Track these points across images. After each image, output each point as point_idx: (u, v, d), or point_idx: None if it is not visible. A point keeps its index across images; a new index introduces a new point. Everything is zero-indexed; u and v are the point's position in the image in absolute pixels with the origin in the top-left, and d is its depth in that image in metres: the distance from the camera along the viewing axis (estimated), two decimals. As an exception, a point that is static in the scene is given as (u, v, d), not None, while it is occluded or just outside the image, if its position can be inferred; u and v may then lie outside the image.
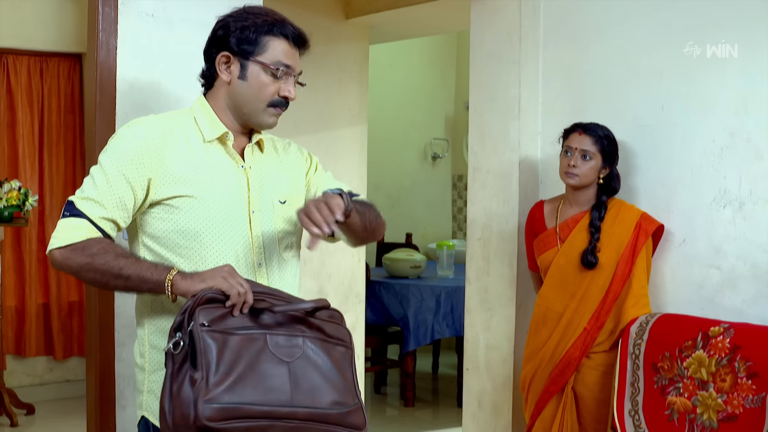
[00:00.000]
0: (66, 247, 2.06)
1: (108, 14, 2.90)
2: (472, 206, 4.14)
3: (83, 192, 2.11)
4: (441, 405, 6.75)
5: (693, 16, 3.33)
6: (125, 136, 2.15)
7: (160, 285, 2.03)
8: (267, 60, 2.16)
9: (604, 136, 3.34)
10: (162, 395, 1.93)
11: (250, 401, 1.90)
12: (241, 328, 1.97)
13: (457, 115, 8.76)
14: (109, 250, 2.06)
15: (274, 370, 1.96)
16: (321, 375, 2.02)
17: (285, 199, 2.30)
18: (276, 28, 2.18)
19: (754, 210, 3.17)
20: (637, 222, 3.29)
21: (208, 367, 1.88)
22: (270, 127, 2.26)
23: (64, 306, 6.17)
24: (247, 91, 2.18)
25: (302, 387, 1.98)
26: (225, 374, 1.89)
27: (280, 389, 1.95)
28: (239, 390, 1.89)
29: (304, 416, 1.96)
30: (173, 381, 1.92)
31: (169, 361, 1.94)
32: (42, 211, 6.03)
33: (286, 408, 1.94)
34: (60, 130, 6.13)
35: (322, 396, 2.00)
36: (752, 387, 2.87)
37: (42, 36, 5.94)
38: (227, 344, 1.93)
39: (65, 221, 2.08)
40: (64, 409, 5.94)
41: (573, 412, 3.31)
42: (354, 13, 5.20)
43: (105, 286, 2.12)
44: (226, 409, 1.87)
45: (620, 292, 3.26)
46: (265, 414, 1.91)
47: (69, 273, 2.11)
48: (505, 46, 3.98)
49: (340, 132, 5.24)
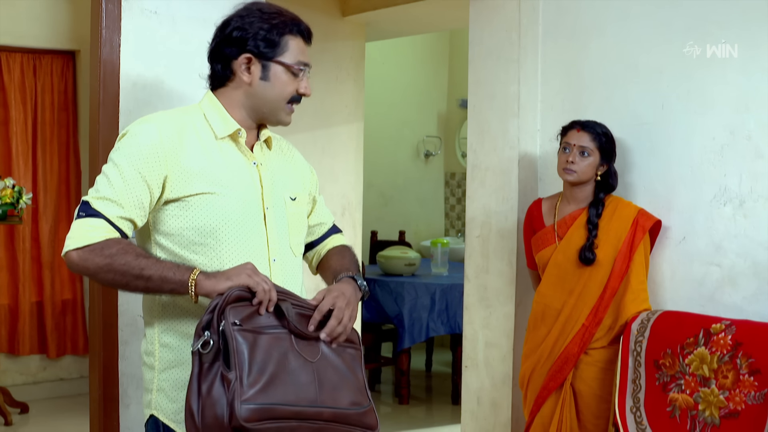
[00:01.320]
0: (83, 248, 2.02)
1: (111, 11, 2.89)
2: (470, 203, 4.14)
3: (98, 192, 2.08)
4: (435, 402, 6.75)
5: (693, 13, 3.34)
6: (138, 133, 2.13)
7: (183, 285, 2.01)
8: (289, 60, 2.19)
9: (602, 133, 3.36)
10: (188, 395, 1.92)
11: (282, 402, 1.91)
12: (269, 327, 1.98)
13: (449, 112, 8.77)
14: (128, 250, 2.04)
15: (301, 370, 1.97)
16: (339, 375, 2.04)
17: (295, 196, 2.32)
18: (293, 27, 2.20)
19: (755, 208, 3.18)
20: (634, 218, 3.31)
21: (242, 366, 1.88)
22: (286, 125, 2.28)
23: (58, 304, 6.15)
24: (270, 91, 2.20)
25: (325, 387, 1.99)
26: (258, 374, 1.89)
27: (307, 389, 1.96)
28: (272, 391, 1.90)
29: (328, 416, 1.97)
30: (201, 380, 1.91)
31: (196, 360, 1.93)
32: (36, 209, 6.01)
33: (313, 408, 1.95)
34: (54, 128, 6.10)
35: (342, 396, 2.02)
36: (754, 384, 2.88)
37: (35, 33, 5.92)
38: (258, 343, 1.93)
39: (81, 222, 2.04)
40: (58, 408, 5.93)
41: (572, 409, 3.32)
42: (351, 10, 5.20)
43: (125, 287, 2.07)
44: (262, 409, 1.87)
45: (618, 288, 3.27)
46: (295, 414, 1.92)
47: (86, 275, 2.06)
48: (504, 44, 3.98)
49: (336, 129, 5.23)
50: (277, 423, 1.89)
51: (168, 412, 2.17)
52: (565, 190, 3.48)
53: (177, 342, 2.17)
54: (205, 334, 1.93)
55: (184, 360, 2.15)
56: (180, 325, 2.16)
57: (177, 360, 2.17)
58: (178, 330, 2.16)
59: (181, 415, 2.14)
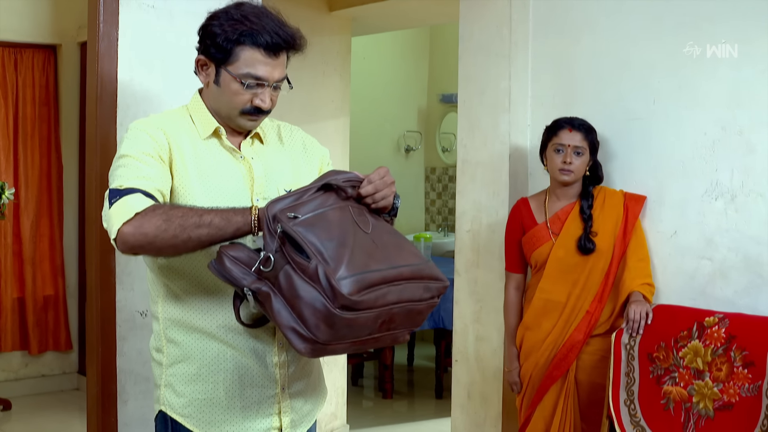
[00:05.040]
0: (134, 217, 1.93)
1: (109, 5, 2.87)
2: (461, 198, 4.15)
3: (122, 177, 2.02)
4: (418, 397, 6.78)
5: (685, 9, 3.37)
6: (140, 127, 2.12)
7: (246, 222, 1.94)
8: (236, 71, 2.10)
9: (591, 130, 3.42)
10: (277, 320, 1.87)
11: (370, 268, 1.86)
12: (326, 205, 1.95)
13: (429, 107, 8.78)
14: (178, 206, 2.00)
15: (367, 238, 1.93)
16: (394, 237, 2.00)
17: (290, 188, 2.28)
18: (248, 38, 2.08)
19: (746, 202, 3.21)
20: (623, 204, 3.39)
21: (319, 250, 1.83)
22: (250, 129, 2.23)
23: (40, 300, 6.10)
24: (221, 96, 2.15)
25: (390, 249, 1.95)
26: (340, 248, 1.85)
27: (380, 254, 1.91)
28: (357, 260, 1.85)
29: (408, 274, 1.92)
30: (281, 297, 1.86)
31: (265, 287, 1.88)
32: (17, 204, 5.96)
33: (394, 269, 1.90)
34: (35, 123, 6.06)
35: (406, 255, 1.97)
36: (748, 376, 2.92)
37: (16, 27, 5.87)
38: (325, 219, 1.90)
39: (119, 202, 1.96)
40: (41, 404, 5.90)
41: (575, 400, 3.36)
42: (337, 5, 5.19)
43: (187, 242, 1.95)
44: (358, 280, 1.82)
45: (618, 272, 3.35)
46: (382, 279, 1.87)
47: (144, 243, 1.94)
48: (494, 39, 3.99)
49: (323, 124, 5.22)
50: (373, 291, 1.84)
51: (176, 406, 2.17)
52: (554, 187, 3.51)
53: (182, 337, 2.16)
54: (260, 254, 1.88)
55: (189, 354, 2.15)
56: (185, 319, 2.15)
57: (183, 355, 2.16)
58: (181, 324, 2.15)
59: (189, 409, 2.15)
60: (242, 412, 2.16)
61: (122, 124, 2.97)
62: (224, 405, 2.15)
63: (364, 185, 2.01)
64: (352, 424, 5.65)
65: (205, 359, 2.14)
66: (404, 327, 1.99)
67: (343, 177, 2.00)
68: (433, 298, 2.01)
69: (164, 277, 2.15)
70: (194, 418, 2.15)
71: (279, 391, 2.19)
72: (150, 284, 2.24)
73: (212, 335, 2.13)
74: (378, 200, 2.03)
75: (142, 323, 3.08)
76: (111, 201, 1.98)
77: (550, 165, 3.44)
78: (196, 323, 2.14)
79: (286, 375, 2.20)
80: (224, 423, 2.15)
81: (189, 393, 2.16)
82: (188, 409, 2.16)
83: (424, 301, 1.98)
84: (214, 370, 2.14)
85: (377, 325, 1.89)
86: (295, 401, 2.24)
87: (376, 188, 2.02)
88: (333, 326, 1.82)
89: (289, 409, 2.23)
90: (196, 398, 2.15)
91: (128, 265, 3.06)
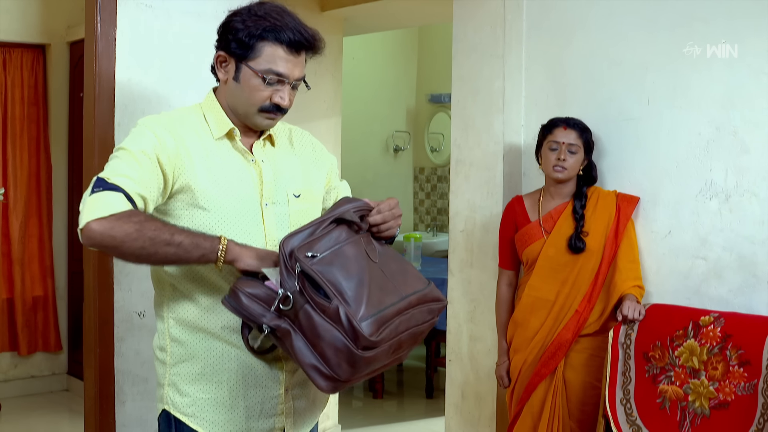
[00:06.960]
0: (108, 217, 1.92)
1: (107, 5, 2.86)
2: (454, 198, 4.16)
3: (114, 170, 2.01)
4: (408, 396, 6.77)
5: (679, 10, 3.38)
6: (149, 125, 2.12)
7: (213, 250, 1.98)
8: (258, 67, 2.11)
9: (585, 129, 3.44)
10: (299, 360, 1.92)
11: (385, 304, 1.93)
12: (341, 240, 2.00)
13: (418, 107, 8.79)
14: (154, 219, 2.00)
15: (376, 269, 2.00)
16: (398, 264, 2.09)
17: (299, 192, 2.28)
18: (271, 33, 2.10)
19: (740, 202, 3.23)
20: (616, 205, 3.41)
21: (339, 291, 1.88)
22: (267, 128, 2.24)
23: (29, 301, 6.08)
24: (240, 93, 2.15)
25: (397, 278, 2.03)
26: (358, 287, 1.91)
27: (391, 285, 1.99)
28: (374, 299, 1.91)
29: (415, 302, 2.01)
30: (300, 337, 1.91)
31: (285, 324, 1.93)
32: (6, 204, 5.93)
33: (404, 300, 1.99)
34: (24, 123, 6.03)
35: (411, 281, 2.06)
36: (744, 374, 2.93)
37: (5, 27, 5.84)
38: (342, 256, 1.95)
39: (100, 194, 1.95)
40: (30, 406, 5.88)
41: (563, 397, 3.37)
42: (330, 5, 5.18)
43: (151, 256, 1.98)
44: (377, 319, 1.89)
45: (608, 272, 3.35)
46: (396, 312, 1.95)
47: (109, 245, 1.94)
48: (488, 39, 4.00)
49: (315, 124, 5.22)
50: (388, 327, 1.91)
51: (179, 405, 2.17)
52: (548, 186, 3.52)
53: (187, 336, 2.16)
54: (279, 293, 1.91)
55: (194, 354, 2.16)
56: (190, 319, 2.15)
57: (187, 354, 2.17)
58: (186, 323, 2.15)
59: (192, 409, 2.15)
60: (246, 412, 2.17)
61: (120, 123, 2.96)
62: (228, 405, 2.15)
63: (373, 214, 2.09)
64: (343, 424, 5.65)
65: (209, 359, 2.15)
66: (409, 348, 2.07)
67: (353, 207, 2.07)
68: (434, 318, 2.11)
69: (171, 278, 2.15)
70: (198, 417, 2.16)
71: (283, 392, 2.20)
72: (155, 284, 2.23)
73: (217, 335, 2.14)
74: (383, 231, 2.12)
75: (140, 324, 3.07)
76: (94, 189, 1.98)
77: (545, 163, 3.46)
78: (202, 323, 2.14)
79: (291, 376, 2.20)
80: (228, 423, 2.16)
81: (193, 392, 2.16)
82: (192, 409, 2.16)
83: (426, 323, 2.08)
84: (219, 369, 2.15)
85: (389, 354, 1.97)
86: (298, 402, 2.25)
87: (384, 219, 2.10)
88: (354, 365, 1.88)
89: (293, 410, 2.23)
90: (200, 398, 2.16)
91: (126, 265, 3.05)
